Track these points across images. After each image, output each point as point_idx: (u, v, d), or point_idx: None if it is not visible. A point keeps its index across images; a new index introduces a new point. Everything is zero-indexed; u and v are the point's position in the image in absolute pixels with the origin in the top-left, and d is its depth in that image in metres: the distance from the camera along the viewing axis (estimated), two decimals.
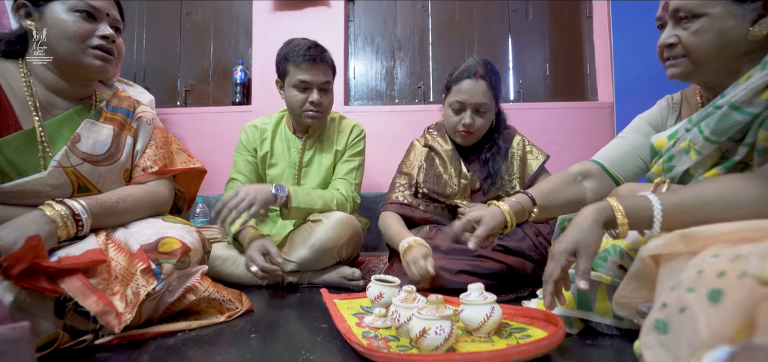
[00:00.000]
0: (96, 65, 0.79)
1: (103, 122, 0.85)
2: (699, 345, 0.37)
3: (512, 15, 2.08)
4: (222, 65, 2.15)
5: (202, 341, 0.70)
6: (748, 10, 0.62)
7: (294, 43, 1.20)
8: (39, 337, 0.60)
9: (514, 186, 1.20)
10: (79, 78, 0.82)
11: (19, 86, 0.77)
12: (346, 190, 1.23)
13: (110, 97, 0.90)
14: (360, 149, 1.31)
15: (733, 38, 0.63)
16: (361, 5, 2.14)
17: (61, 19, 0.76)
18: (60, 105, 0.81)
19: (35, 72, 0.79)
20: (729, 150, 0.65)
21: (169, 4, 2.17)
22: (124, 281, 0.70)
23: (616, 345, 0.64)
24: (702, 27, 0.64)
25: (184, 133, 2.02)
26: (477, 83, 1.12)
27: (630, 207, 0.58)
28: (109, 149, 0.83)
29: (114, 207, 0.79)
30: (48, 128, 0.78)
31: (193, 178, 1.05)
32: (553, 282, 0.59)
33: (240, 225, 1.09)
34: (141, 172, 0.89)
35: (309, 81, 1.16)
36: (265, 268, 0.98)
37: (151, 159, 0.90)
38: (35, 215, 0.69)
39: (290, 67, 1.18)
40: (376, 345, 0.64)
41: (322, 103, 1.19)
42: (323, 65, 1.19)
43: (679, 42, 0.67)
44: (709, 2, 0.63)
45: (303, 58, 1.15)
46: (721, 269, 0.40)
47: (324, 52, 1.20)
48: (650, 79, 1.70)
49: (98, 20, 0.79)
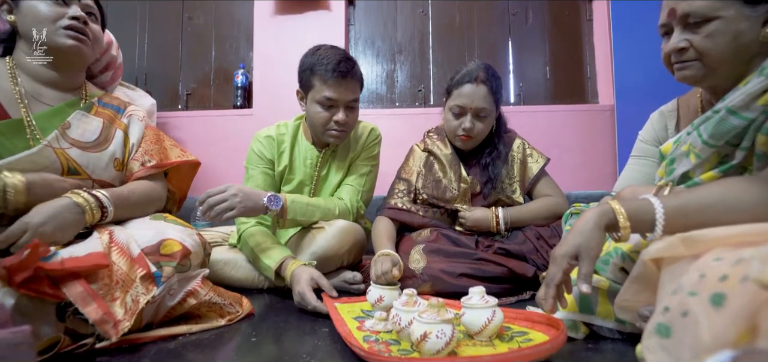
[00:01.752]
0: (68, 44, 0.82)
1: (94, 115, 0.88)
2: (701, 349, 0.37)
3: (512, 18, 2.09)
4: (223, 69, 2.16)
5: (203, 345, 0.70)
6: (761, 12, 0.62)
7: (322, 54, 1.06)
8: (40, 341, 0.60)
9: (514, 189, 1.20)
10: (61, 64, 0.85)
11: (5, 81, 0.82)
12: (351, 199, 1.17)
13: (102, 94, 0.94)
14: (374, 153, 1.24)
15: (746, 40, 0.63)
16: (361, 9, 2.15)
17: (33, 5, 0.81)
18: (47, 95, 0.85)
19: (21, 65, 0.84)
20: (727, 154, 0.65)
21: (171, 8, 2.18)
22: (124, 287, 0.70)
23: (618, 349, 0.64)
24: (716, 30, 0.64)
25: (185, 137, 2.03)
26: (478, 88, 1.12)
27: (632, 210, 0.57)
28: (97, 138, 0.87)
29: (127, 199, 0.84)
30: (38, 119, 0.81)
31: (185, 176, 1.06)
32: (554, 286, 0.59)
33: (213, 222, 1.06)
34: (139, 167, 0.91)
35: (336, 99, 1.05)
36: (318, 309, 0.85)
37: (148, 153, 0.93)
38: (66, 203, 0.73)
39: (316, 81, 1.06)
40: (377, 349, 0.64)
41: (348, 122, 1.09)
42: (353, 81, 1.07)
43: (691, 46, 0.67)
44: (721, 5, 0.63)
45: (332, 74, 1.03)
46: (724, 273, 0.40)
47: (354, 66, 1.08)
48: (650, 81, 1.71)
49: (68, 4, 0.83)
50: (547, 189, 1.22)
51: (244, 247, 1.09)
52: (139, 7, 2.18)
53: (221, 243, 1.23)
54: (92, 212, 0.76)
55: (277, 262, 0.99)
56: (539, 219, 1.15)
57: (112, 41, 1.08)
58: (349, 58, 1.08)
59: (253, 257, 1.05)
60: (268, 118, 1.96)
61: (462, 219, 1.17)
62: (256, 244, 1.04)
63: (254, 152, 1.17)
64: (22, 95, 0.81)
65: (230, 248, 1.19)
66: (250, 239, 1.06)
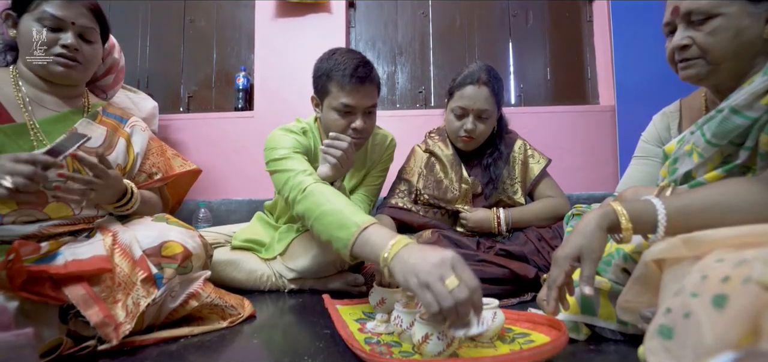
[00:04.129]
0: (58, 71, 0.85)
1: (98, 123, 0.92)
2: (704, 350, 0.37)
3: (513, 20, 2.09)
4: (225, 72, 2.17)
5: (205, 347, 0.70)
6: (763, 9, 0.62)
7: (338, 58, 1.01)
8: (42, 344, 0.61)
9: (515, 190, 1.20)
10: (54, 82, 0.88)
11: (9, 89, 0.84)
12: (365, 209, 1.15)
13: (106, 104, 0.98)
14: (390, 163, 1.24)
15: (749, 37, 0.63)
16: (362, 11, 2.15)
17: (28, 30, 0.83)
18: (49, 102, 0.88)
19: (23, 75, 0.87)
20: (731, 153, 0.65)
21: (173, 11, 2.19)
22: (126, 289, 0.70)
23: (621, 351, 0.64)
24: (718, 26, 0.64)
25: (186, 139, 2.03)
26: (480, 89, 1.12)
27: (634, 212, 0.57)
28: (102, 144, 0.91)
29: (144, 201, 0.93)
30: (42, 124, 0.84)
31: (183, 184, 1.12)
32: (556, 288, 0.59)
33: None
34: (146, 178, 0.97)
35: (354, 105, 1.00)
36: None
37: (155, 166, 0.99)
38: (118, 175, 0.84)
39: (332, 87, 1.01)
40: (378, 351, 0.64)
41: (366, 129, 1.04)
42: (371, 87, 1.02)
43: (694, 43, 0.67)
44: (724, 2, 0.63)
45: (349, 80, 0.98)
46: (726, 274, 0.40)
47: (372, 70, 1.02)
48: (651, 81, 1.70)
49: (63, 30, 0.85)
50: (548, 190, 1.22)
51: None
52: (141, 11, 2.19)
53: (223, 244, 1.23)
54: (131, 188, 0.87)
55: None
56: (541, 220, 1.15)
57: (114, 44, 1.08)
58: (367, 62, 1.03)
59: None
60: (269, 120, 1.97)
61: (463, 220, 1.17)
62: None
63: (289, 144, 1.01)
64: (25, 102, 0.84)
65: (232, 249, 1.19)
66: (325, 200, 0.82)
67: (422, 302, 0.55)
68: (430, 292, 0.54)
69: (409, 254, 0.60)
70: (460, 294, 0.52)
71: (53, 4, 0.82)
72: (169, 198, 1.09)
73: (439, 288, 0.53)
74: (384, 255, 0.63)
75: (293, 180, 0.90)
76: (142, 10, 2.19)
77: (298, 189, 0.87)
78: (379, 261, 0.64)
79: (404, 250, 0.61)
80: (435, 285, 0.53)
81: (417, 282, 0.55)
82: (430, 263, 0.55)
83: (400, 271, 0.59)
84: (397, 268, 0.60)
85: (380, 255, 0.64)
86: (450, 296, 0.52)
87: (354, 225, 0.71)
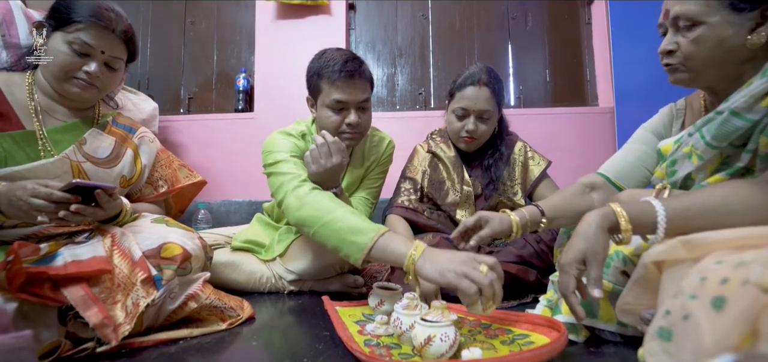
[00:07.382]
0: (74, 92, 0.85)
1: (107, 133, 0.93)
2: (703, 352, 0.37)
3: (512, 22, 2.09)
4: (225, 73, 2.17)
5: (204, 349, 0.70)
6: (746, 19, 0.63)
7: (327, 56, 1.03)
8: (41, 345, 0.60)
9: (516, 192, 1.20)
10: (67, 97, 0.88)
11: (23, 95, 0.84)
12: (365, 211, 1.15)
13: (116, 114, 0.99)
14: (389, 165, 1.24)
15: (731, 46, 0.64)
16: (362, 13, 2.16)
17: (57, 49, 0.82)
18: (59, 111, 0.88)
19: (38, 83, 0.87)
20: (731, 156, 0.65)
21: (174, 13, 2.20)
22: (125, 290, 0.70)
23: (620, 353, 0.64)
24: (701, 35, 0.65)
25: (186, 141, 2.03)
26: (480, 90, 1.12)
27: (633, 213, 0.57)
28: (109, 155, 0.91)
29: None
30: (51, 133, 0.84)
31: (187, 194, 1.13)
32: (572, 295, 0.59)
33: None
34: (152, 191, 0.99)
35: (346, 100, 1.01)
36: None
37: (162, 178, 1.01)
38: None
39: (324, 85, 1.02)
40: (378, 353, 0.64)
41: (361, 124, 1.05)
42: (361, 81, 1.03)
43: (678, 49, 0.68)
44: (707, 11, 0.64)
45: (339, 75, 1.00)
46: (724, 276, 0.40)
47: (362, 65, 1.04)
48: (650, 83, 1.71)
49: (91, 56, 0.84)
50: (548, 191, 1.22)
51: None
52: (142, 12, 2.20)
53: (223, 245, 1.23)
54: (124, 208, 0.85)
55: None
56: None
57: None
58: (356, 57, 1.04)
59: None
60: (269, 121, 1.97)
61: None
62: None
63: (284, 146, 1.02)
64: (37, 111, 0.84)
65: (232, 251, 1.19)
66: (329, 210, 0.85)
67: (461, 288, 0.63)
68: (468, 279, 0.63)
69: (435, 254, 0.70)
70: (493, 276, 0.64)
71: (90, 33, 0.82)
72: (173, 206, 1.10)
73: (476, 274, 0.63)
74: (412, 254, 0.71)
75: (288, 185, 0.93)
76: (143, 11, 2.20)
77: (295, 196, 0.90)
78: (404, 261, 0.71)
79: (428, 252, 0.71)
80: (472, 273, 0.64)
81: (454, 274, 0.65)
82: (460, 259, 0.67)
83: (432, 269, 0.68)
84: (427, 267, 0.68)
85: (406, 255, 0.71)
86: (486, 278, 0.63)
87: (372, 230, 0.77)
